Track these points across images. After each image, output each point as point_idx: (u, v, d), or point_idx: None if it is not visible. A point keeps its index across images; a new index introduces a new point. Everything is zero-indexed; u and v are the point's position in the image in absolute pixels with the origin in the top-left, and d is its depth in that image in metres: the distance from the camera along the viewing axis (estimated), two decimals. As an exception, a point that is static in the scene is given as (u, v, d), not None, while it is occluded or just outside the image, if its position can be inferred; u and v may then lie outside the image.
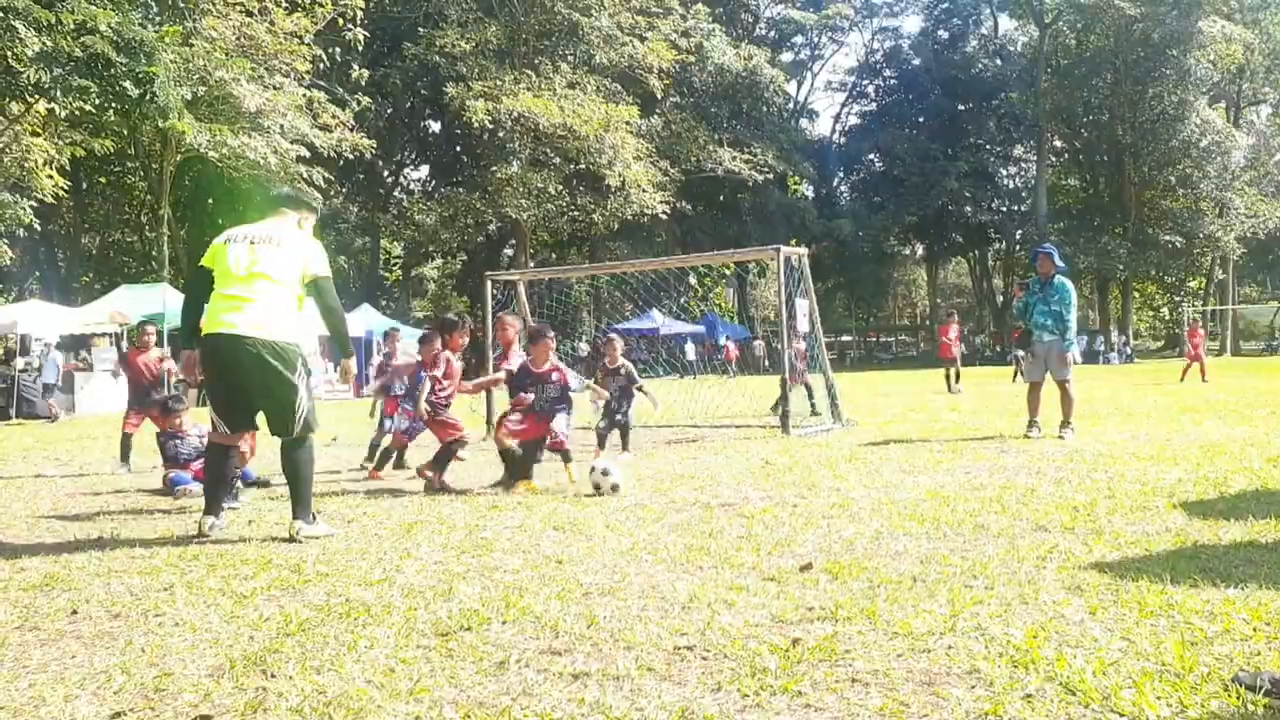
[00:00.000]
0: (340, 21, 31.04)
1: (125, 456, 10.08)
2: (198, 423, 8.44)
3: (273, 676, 3.12)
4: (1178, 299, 62.03)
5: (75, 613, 4.05)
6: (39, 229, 29.05)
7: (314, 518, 5.67)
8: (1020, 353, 10.65)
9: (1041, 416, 10.32)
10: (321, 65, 32.15)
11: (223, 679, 3.13)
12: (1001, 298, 67.43)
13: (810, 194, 61.97)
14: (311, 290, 5.77)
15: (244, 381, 5.62)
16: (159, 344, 10.91)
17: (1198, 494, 6.10)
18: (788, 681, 2.90)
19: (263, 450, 8.35)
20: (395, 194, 51.44)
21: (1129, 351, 49.90)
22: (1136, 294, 63.29)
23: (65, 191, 27.99)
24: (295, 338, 5.68)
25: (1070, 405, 10.15)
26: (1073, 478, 7.03)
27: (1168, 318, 68.83)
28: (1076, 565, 4.25)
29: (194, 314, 5.87)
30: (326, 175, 31.64)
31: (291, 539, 5.49)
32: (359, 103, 33.23)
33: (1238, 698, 2.65)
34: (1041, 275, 10.42)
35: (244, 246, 5.72)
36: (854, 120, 67.53)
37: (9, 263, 29.09)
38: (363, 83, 32.91)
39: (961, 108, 60.54)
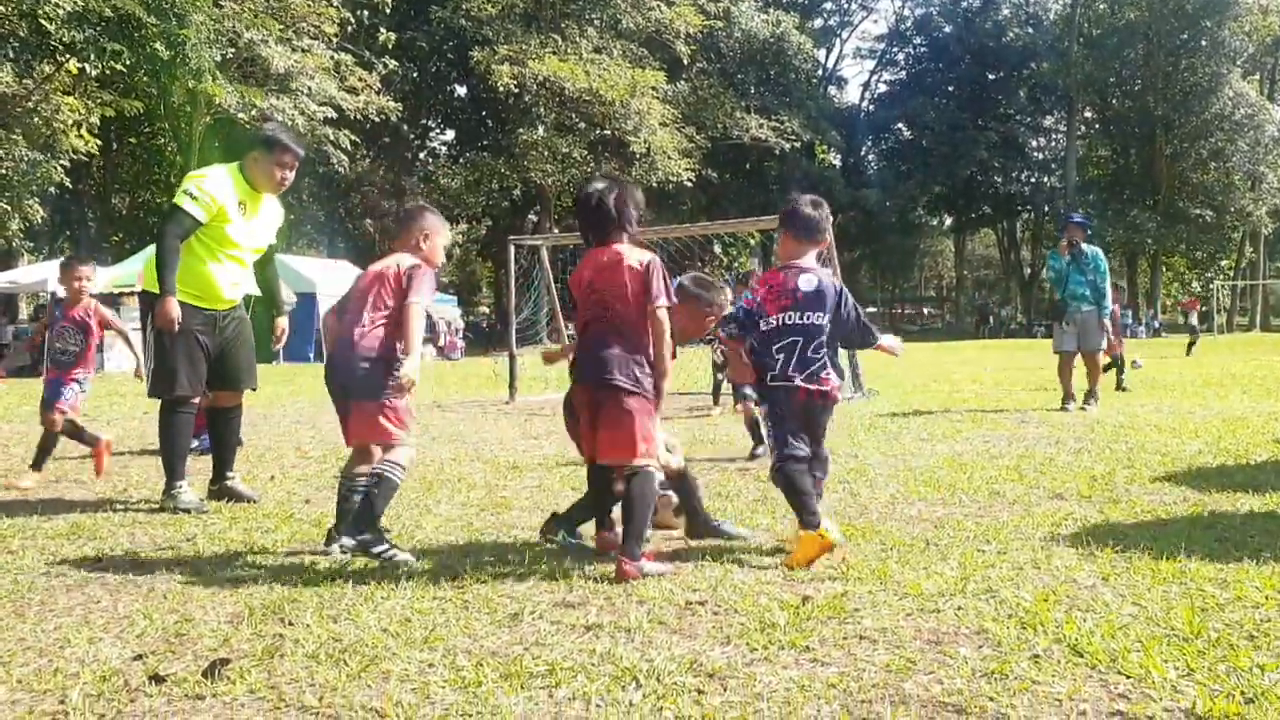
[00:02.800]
0: (369, -17, 31.06)
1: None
2: None
3: (290, 624, 3.18)
4: (1208, 274, 61.36)
5: (100, 560, 4.13)
6: (69, 188, 29.22)
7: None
8: (1065, 324, 10.29)
9: (1077, 389, 10.20)
10: (349, 28, 32.14)
11: (241, 625, 3.19)
12: (1029, 270, 66.90)
13: (838, 163, 61.44)
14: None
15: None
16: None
17: (1217, 466, 6.08)
18: (796, 637, 2.94)
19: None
20: (421, 158, 51.39)
21: (1157, 325, 49.49)
22: (1165, 270, 62.62)
23: (96, 151, 28.12)
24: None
25: (1096, 376, 10.09)
26: (1092, 448, 7.02)
27: (1199, 292, 68.13)
28: (1091, 533, 4.26)
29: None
30: (353, 138, 31.68)
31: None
32: (385, 66, 33.21)
33: (1244, 660, 2.66)
34: (1074, 243, 10.20)
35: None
36: (883, 88, 66.83)
37: (40, 222, 29.31)
38: (389, 46, 32.88)
39: (992, 77, 59.79)
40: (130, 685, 2.69)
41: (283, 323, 6.02)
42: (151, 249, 5.37)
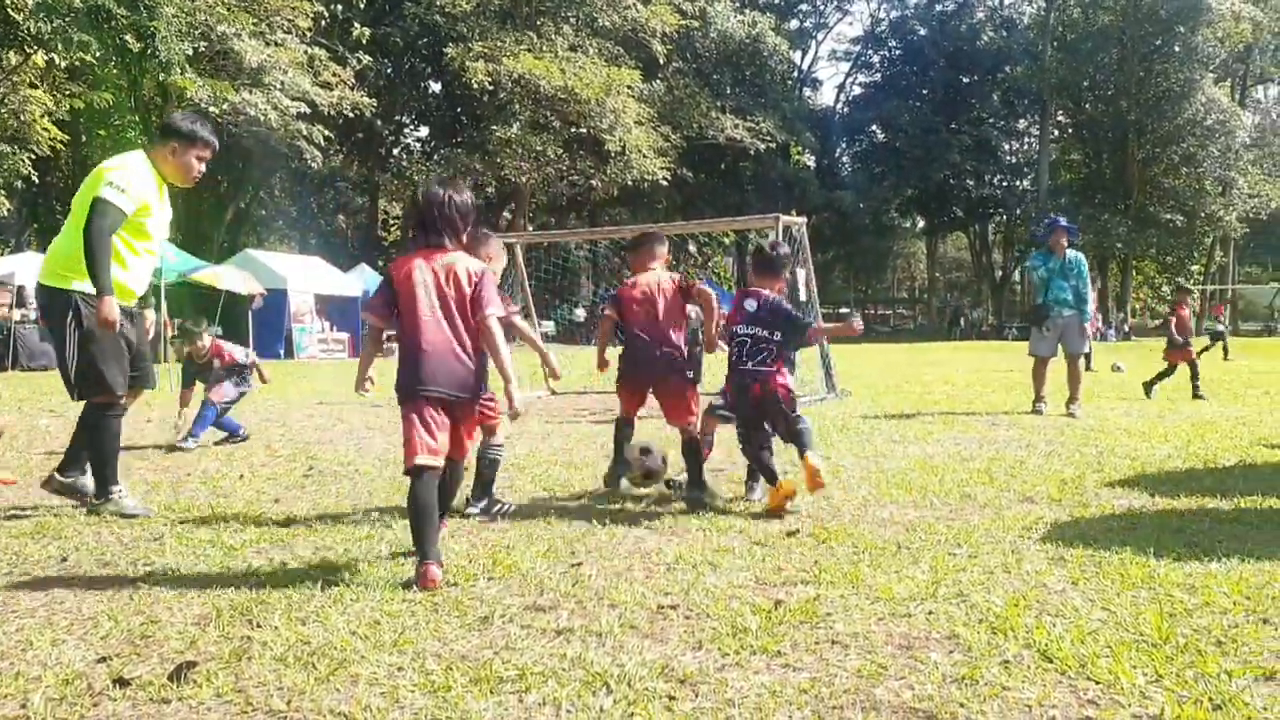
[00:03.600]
0: (343, -22, 30.88)
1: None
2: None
3: (258, 626, 3.15)
4: (1178, 279, 61.94)
5: (65, 560, 4.08)
6: (37, 180, 28.88)
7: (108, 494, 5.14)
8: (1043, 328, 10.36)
9: (1048, 392, 10.26)
10: (323, 22, 31.95)
11: (208, 627, 3.16)
12: (1000, 272, 67.32)
13: (812, 164, 61.64)
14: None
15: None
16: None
17: (1186, 470, 6.13)
18: (768, 641, 2.93)
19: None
20: (395, 154, 51.15)
21: (1126, 329, 49.91)
22: (1137, 274, 63.19)
23: (63, 144, 27.80)
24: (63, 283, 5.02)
25: (1078, 381, 10.12)
26: (1062, 451, 7.06)
27: (1169, 296, 68.81)
28: (1061, 537, 4.28)
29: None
30: (326, 134, 31.50)
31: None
32: (359, 61, 33.04)
33: (1212, 667, 2.68)
34: (1058, 247, 10.23)
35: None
36: (858, 91, 67.06)
37: (6, 214, 28.96)
38: (364, 41, 32.69)
39: (966, 80, 60.11)
40: (94, 689, 2.66)
41: (152, 315, 5.61)
42: (59, 241, 5.10)
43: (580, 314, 40.60)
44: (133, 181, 4.97)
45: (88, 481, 5.21)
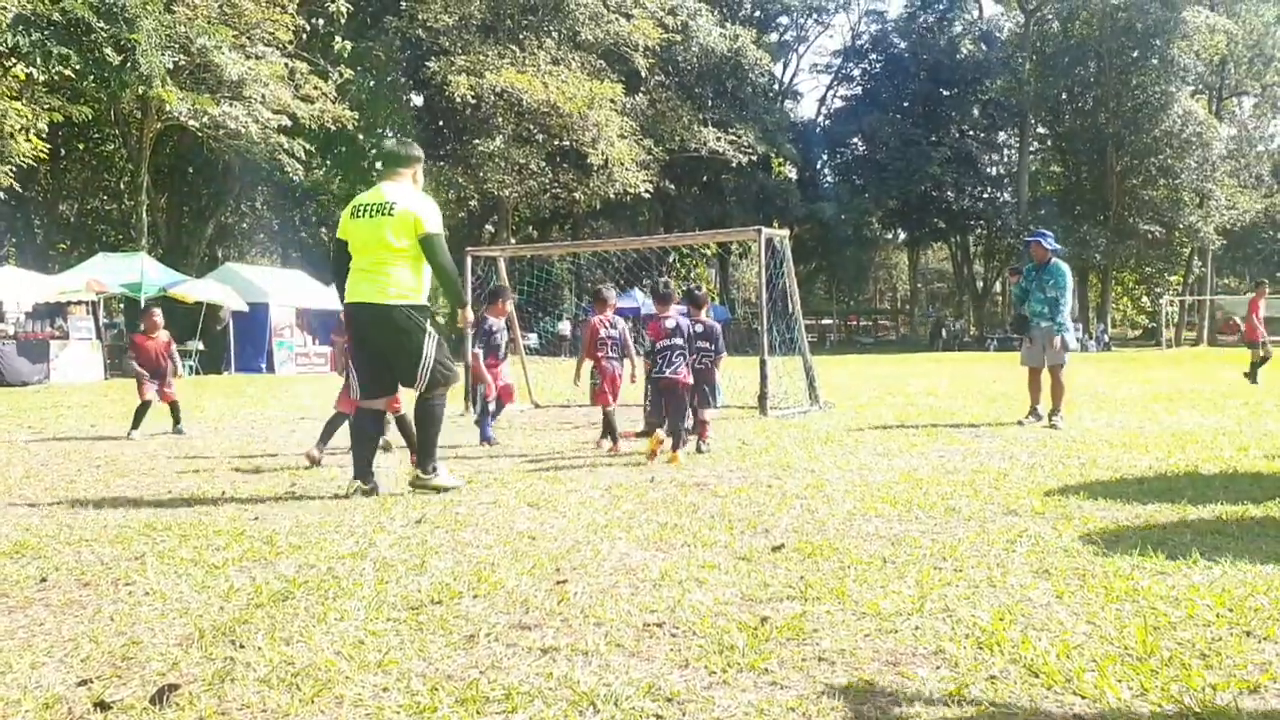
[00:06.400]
0: (325, -9, 30.83)
1: (138, 423, 10.17)
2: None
3: (241, 647, 3.13)
4: (1157, 289, 62.43)
5: (44, 580, 4.03)
6: (19, 190, 28.72)
7: (434, 468, 6.24)
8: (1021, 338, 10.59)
9: (1043, 404, 10.29)
10: (304, 35, 31.90)
11: (191, 648, 3.13)
12: (982, 283, 67.66)
13: (794, 176, 61.86)
14: (423, 247, 5.99)
15: (380, 347, 6.12)
16: (166, 326, 11.03)
17: (1168, 481, 6.16)
18: (755, 659, 2.93)
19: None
20: (377, 167, 51.05)
21: (1106, 340, 50.22)
22: (1116, 285, 63.63)
23: (44, 155, 27.66)
24: (420, 299, 6.12)
25: (1060, 393, 10.14)
26: (1045, 463, 7.09)
27: (1148, 307, 69.32)
28: (1045, 550, 4.29)
29: (338, 277, 6.31)
30: (307, 147, 31.41)
31: (412, 485, 6.24)
32: (341, 75, 32.98)
33: (1197, 680, 2.68)
34: (1036, 261, 10.38)
35: (365, 221, 6.03)
36: (839, 103, 67.40)
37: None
38: (345, 55, 32.65)
39: (946, 93, 60.52)
40: (74, 712, 2.63)
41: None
42: (392, 270, 5.98)
43: (565, 326, 40.58)
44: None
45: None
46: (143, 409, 10.28)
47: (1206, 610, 3.36)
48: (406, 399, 6.76)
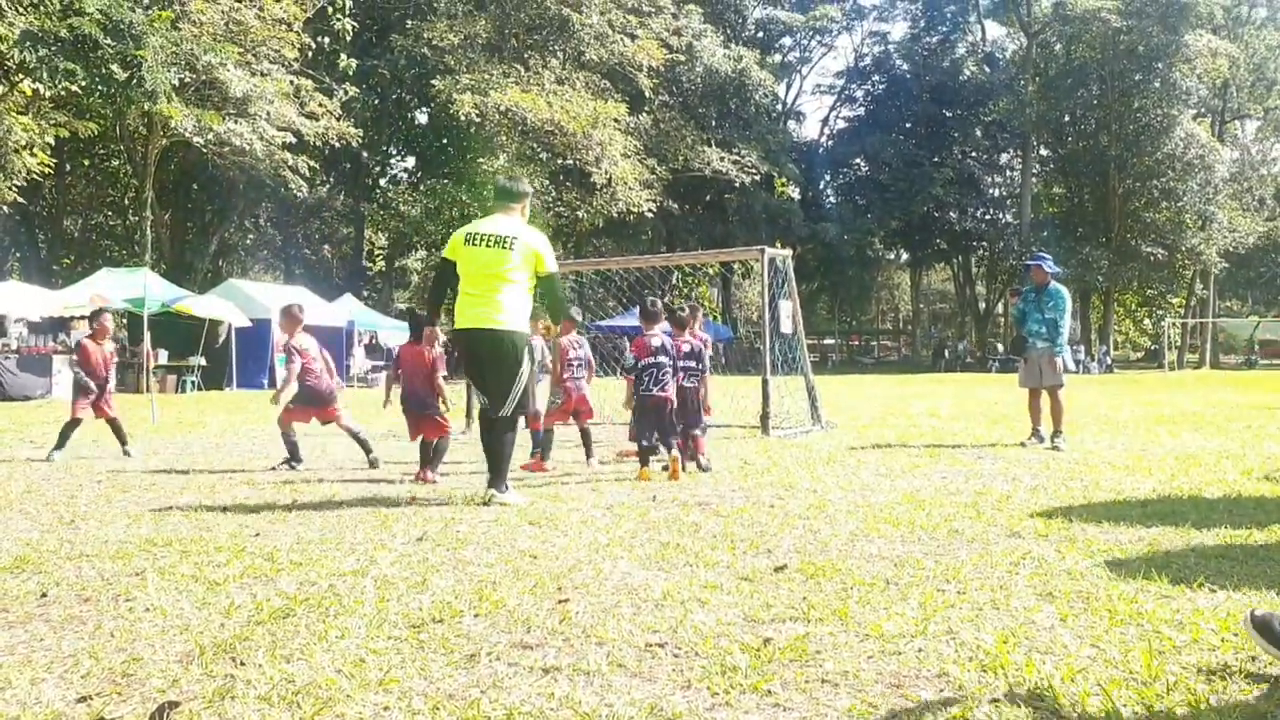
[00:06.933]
0: (330, 10, 30.95)
1: (63, 443, 9.51)
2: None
3: (242, 664, 3.11)
4: (1159, 312, 62.44)
5: (45, 596, 4.02)
6: (23, 205, 28.80)
7: (506, 487, 6.45)
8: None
9: (1044, 426, 10.29)
10: (309, 53, 32.04)
11: (191, 665, 3.11)
12: (984, 305, 67.66)
13: (796, 196, 61.95)
14: (543, 285, 6.54)
15: (480, 367, 6.48)
16: (114, 337, 10.43)
17: (1172, 504, 6.14)
18: (758, 680, 2.91)
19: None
20: (381, 184, 51.17)
21: (1109, 362, 50.16)
22: (1118, 307, 63.64)
23: (49, 170, 27.75)
24: (525, 328, 6.56)
25: (1060, 414, 10.15)
26: (1048, 485, 7.07)
27: (1150, 329, 69.36)
28: (1048, 572, 4.27)
29: (438, 298, 6.88)
30: (312, 164, 31.53)
31: (485, 503, 6.34)
32: (346, 92, 33.12)
33: (1203, 705, 2.67)
34: (1036, 284, 10.42)
35: (482, 250, 6.38)
36: (842, 124, 67.52)
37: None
38: (350, 72, 32.79)
39: (948, 114, 60.63)
40: (74, 729, 2.61)
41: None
42: (504, 297, 6.38)
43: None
44: None
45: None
46: (71, 426, 9.55)
47: (1211, 635, 3.34)
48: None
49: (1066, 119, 55.47)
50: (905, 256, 69.32)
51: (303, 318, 8.73)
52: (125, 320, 28.22)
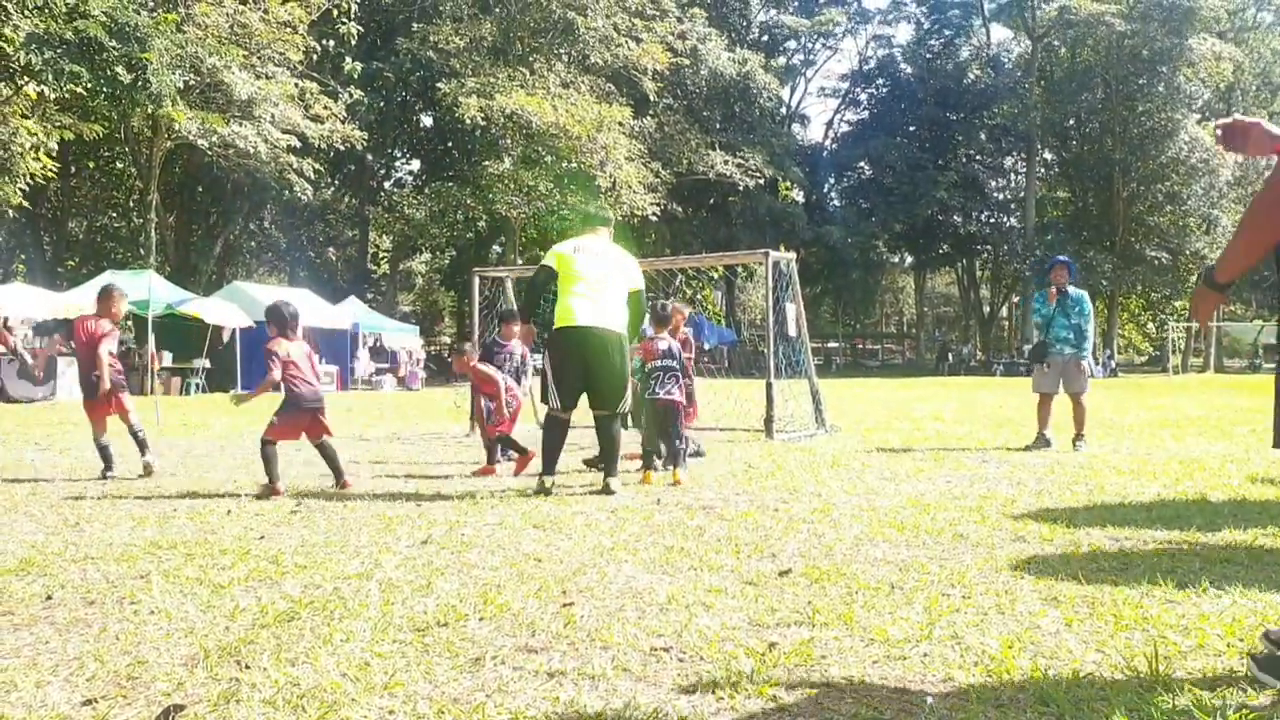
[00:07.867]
0: (335, 13, 31.00)
1: (107, 460, 8.42)
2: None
3: (247, 668, 3.11)
4: (1163, 315, 62.35)
5: (50, 598, 4.03)
6: (28, 208, 28.84)
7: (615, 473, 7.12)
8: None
9: (1050, 430, 10.31)
10: (314, 56, 32.10)
11: (196, 669, 3.12)
12: (988, 308, 67.64)
13: (800, 199, 61.96)
14: (630, 299, 7.26)
15: (590, 366, 7.01)
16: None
17: (1176, 509, 6.13)
18: (763, 685, 2.91)
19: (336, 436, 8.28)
20: (386, 187, 51.26)
21: (1113, 365, 50.12)
22: (1123, 311, 63.56)
23: (54, 173, 27.81)
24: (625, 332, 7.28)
25: (1083, 419, 10.18)
26: (1053, 489, 7.06)
27: (1154, 334, 69.25)
28: (1054, 577, 4.27)
29: (535, 299, 7.47)
30: (317, 166, 31.57)
31: (605, 491, 6.95)
32: (351, 95, 33.15)
33: (1208, 711, 2.66)
34: (1058, 285, 10.35)
35: (591, 257, 7.19)
36: (846, 127, 67.55)
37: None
38: (355, 75, 32.84)
39: (953, 118, 60.62)
40: (79, 732, 2.61)
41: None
42: (612, 305, 7.21)
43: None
44: None
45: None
46: (99, 438, 8.41)
47: (1217, 640, 3.34)
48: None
49: (1071, 123, 55.48)
50: (909, 260, 69.33)
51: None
52: (130, 322, 28.29)
